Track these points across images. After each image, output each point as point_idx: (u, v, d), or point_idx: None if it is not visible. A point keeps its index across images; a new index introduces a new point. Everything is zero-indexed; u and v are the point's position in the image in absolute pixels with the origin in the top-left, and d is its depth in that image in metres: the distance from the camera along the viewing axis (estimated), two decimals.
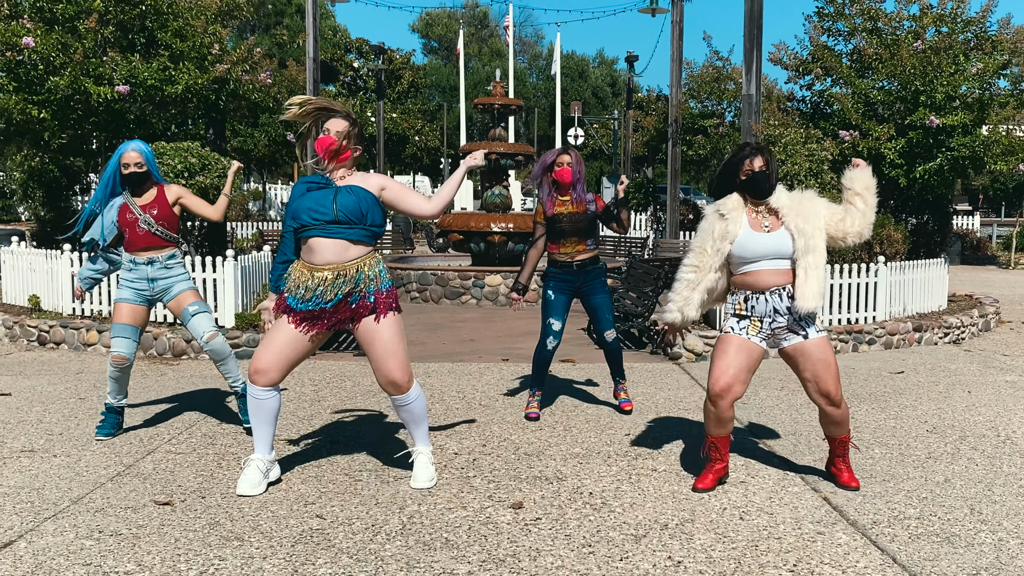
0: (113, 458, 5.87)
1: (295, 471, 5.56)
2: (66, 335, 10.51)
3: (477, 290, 14.92)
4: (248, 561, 4.14)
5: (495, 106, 17.33)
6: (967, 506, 4.99)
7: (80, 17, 11.23)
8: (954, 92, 12.24)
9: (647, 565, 4.11)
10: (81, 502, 4.98)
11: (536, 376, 7.24)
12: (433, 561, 4.15)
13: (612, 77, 55.10)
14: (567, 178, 6.96)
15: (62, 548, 4.29)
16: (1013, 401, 7.84)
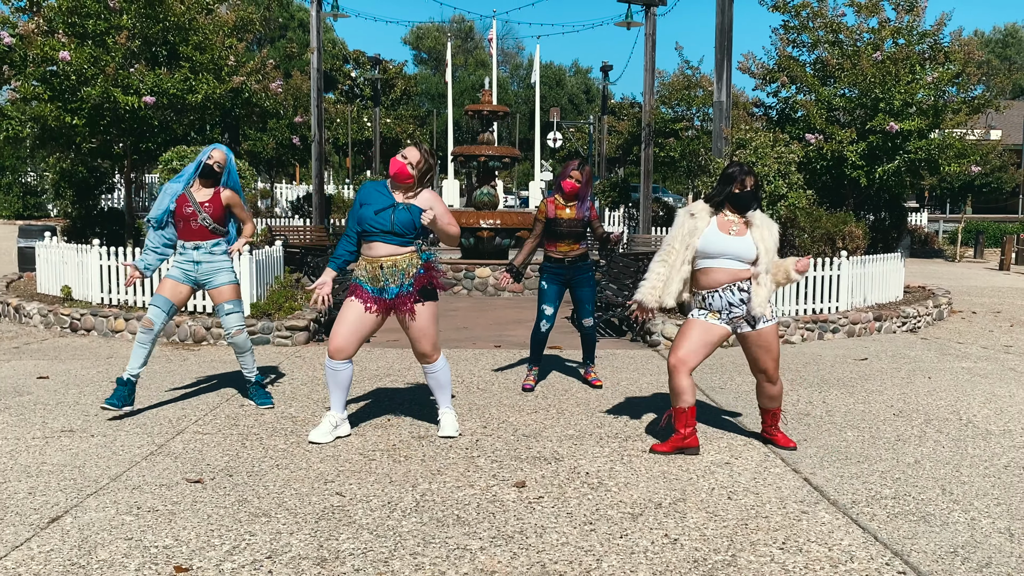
0: (146, 438, 5.81)
1: (313, 451, 5.50)
2: (96, 322, 10.43)
3: (468, 281, 14.89)
4: (276, 536, 4.09)
5: (484, 112, 17.28)
6: (939, 487, 4.94)
7: (110, 33, 11.14)
8: (911, 99, 12.25)
9: (645, 542, 4.05)
10: (119, 479, 4.91)
11: (533, 354, 7.63)
12: (447, 537, 4.09)
13: (586, 85, 55.04)
14: (569, 189, 7.32)
15: (105, 523, 4.23)
16: (970, 386, 7.84)
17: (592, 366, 7.81)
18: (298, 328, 9.83)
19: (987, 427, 6.36)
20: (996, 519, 4.43)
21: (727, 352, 9.19)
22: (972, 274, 21.26)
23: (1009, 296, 15.84)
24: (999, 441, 5.97)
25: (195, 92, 11.28)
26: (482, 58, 54.27)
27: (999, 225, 28.64)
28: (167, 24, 11.45)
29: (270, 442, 5.72)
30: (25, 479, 4.91)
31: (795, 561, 3.87)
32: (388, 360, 8.77)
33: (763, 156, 10.70)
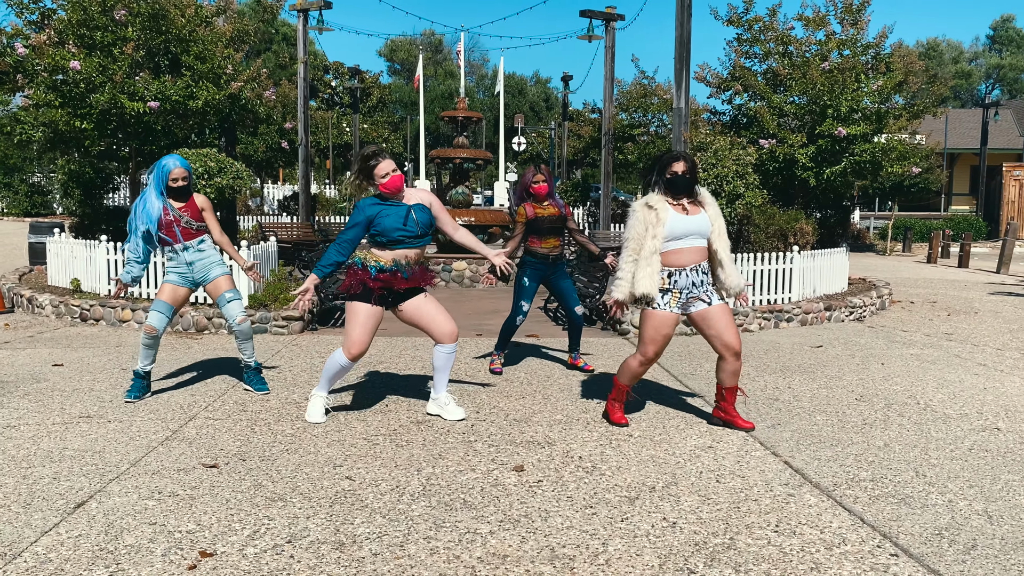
0: (160, 424, 5.56)
1: (319, 436, 5.30)
2: (104, 313, 10.12)
3: (446, 274, 14.67)
4: (294, 521, 3.88)
5: (459, 118, 17.09)
6: (912, 469, 4.82)
7: (117, 44, 10.81)
8: (856, 106, 12.21)
9: (646, 526, 3.88)
10: (139, 464, 4.68)
11: (502, 342, 7.55)
12: (457, 521, 3.90)
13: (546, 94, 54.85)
14: (540, 191, 7.27)
15: (128, 508, 4.00)
16: (921, 372, 7.76)
17: (579, 351, 7.70)
18: (294, 318, 9.58)
19: (944, 411, 6.26)
20: (972, 501, 4.32)
21: (694, 340, 9.06)
22: (903, 267, 21.35)
23: (941, 287, 15.88)
24: (959, 424, 5.88)
25: (196, 98, 10.98)
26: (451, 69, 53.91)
27: (924, 222, 28.88)
28: (169, 36, 11.13)
29: (278, 427, 5.50)
30: (48, 464, 4.67)
31: (791, 544, 3.72)
32: (379, 347, 8.55)
33: (723, 158, 10.59)
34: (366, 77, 43.63)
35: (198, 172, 10.51)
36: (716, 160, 10.55)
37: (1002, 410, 6.34)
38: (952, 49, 42.79)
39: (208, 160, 10.63)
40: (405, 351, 8.37)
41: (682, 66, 12.91)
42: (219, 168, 10.68)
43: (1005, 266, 20.52)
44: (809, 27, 13.14)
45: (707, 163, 10.58)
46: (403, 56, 60.03)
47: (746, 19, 13.26)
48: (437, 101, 49.32)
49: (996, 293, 14.95)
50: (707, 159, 10.62)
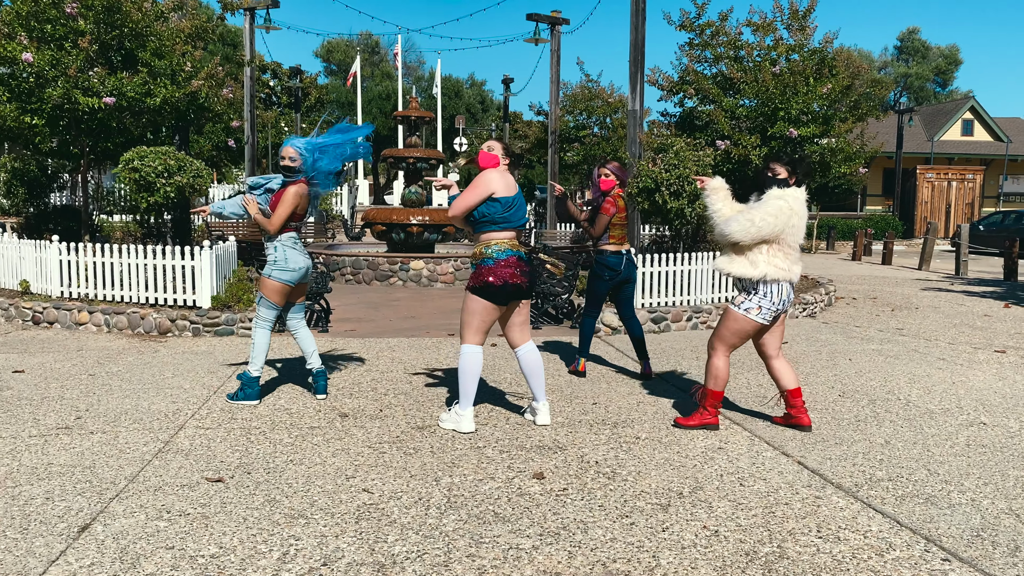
0: (147, 434, 5.11)
1: (321, 445, 4.92)
2: (59, 315, 9.49)
3: (403, 273, 14.28)
4: (322, 540, 3.52)
5: (412, 118, 16.65)
6: (923, 467, 4.67)
7: (68, 37, 10.14)
8: (807, 108, 12.20)
9: (690, 535, 3.64)
10: (137, 480, 4.24)
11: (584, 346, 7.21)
12: (495, 536, 3.59)
13: (482, 96, 54.50)
14: (606, 187, 6.89)
15: (139, 531, 3.59)
16: (888, 367, 7.69)
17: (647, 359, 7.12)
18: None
19: (927, 406, 6.17)
20: (993, 499, 4.18)
21: (665, 337, 8.89)
22: (831, 264, 21.63)
23: (875, 283, 16.07)
24: (945, 420, 5.78)
25: (154, 96, 10.38)
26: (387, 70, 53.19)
27: (846, 221, 29.41)
28: (124, 30, 10.50)
29: (274, 436, 5.11)
30: (36, 482, 4.21)
31: (840, 551, 3.52)
32: (354, 348, 8.16)
33: (684, 159, 10.44)
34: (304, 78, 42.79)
35: (157, 170, 9.96)
36: (678, 161, 10.39)
37: (978, 404, 6.28)
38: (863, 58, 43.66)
39: (168, 158, 10.07)
40: (382, 352, 8.00)
41: (636, 69, 12.76)
42: (179, 166, 10.13)
43: (926, 263, 20.94)
44: (758, 32, 13.09)
45: (669, 163, 10.42)
46: (340, 57, 59.00)
47: (698, 24, 13.17)
48: (374, 102, 48.61)
49: (928, 289, 15.17)
50: (669, 160, 10.45)
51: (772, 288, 5.18)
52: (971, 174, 33.54)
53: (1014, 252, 17.74)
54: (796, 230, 5.19)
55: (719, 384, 5.31)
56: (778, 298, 5.19)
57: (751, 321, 5.22)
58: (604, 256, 6.86)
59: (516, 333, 5.35)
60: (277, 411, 5.73)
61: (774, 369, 5.45)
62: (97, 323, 9.34)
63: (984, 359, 8.24)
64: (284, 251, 5.84)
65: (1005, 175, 39.51)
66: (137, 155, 9.99)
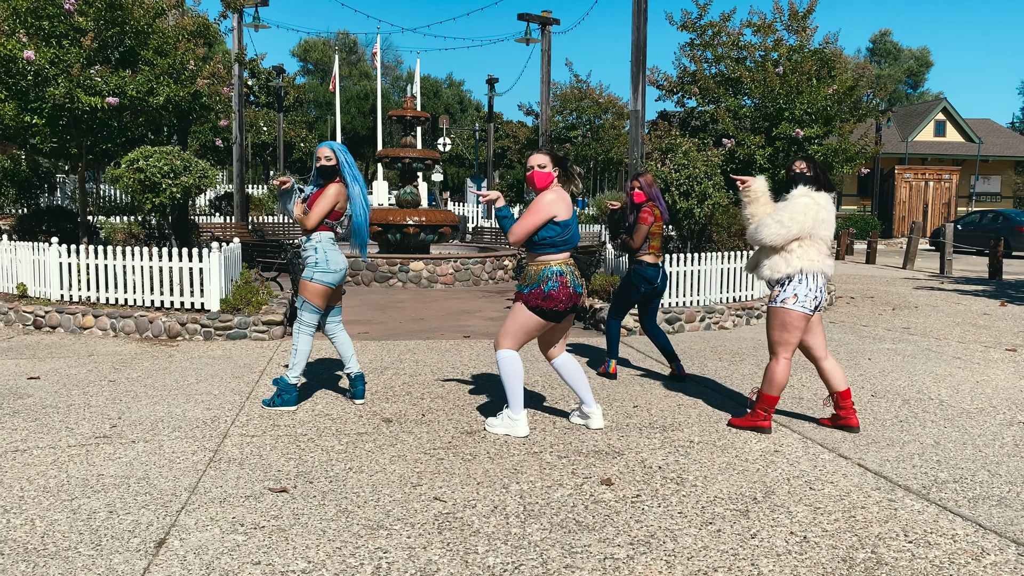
0: (193, 443, 4.96)
1: (376, 451, 4.79)
2: (62, 319, 9.27)
3: (403, 274, 14.15)
4: (412, 553, 3.41)
5: (407, 117, 16.49)
6: (982, 468, 4.64)
7: (69, 35, 9.89)
8: (811, 109, 12.22)
9: (780, 542, 3.57)
10: (198, 492, 4.09)
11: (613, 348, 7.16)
12: (585, 545, 3.49)
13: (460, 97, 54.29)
14: (638, 200, 6.84)
15: (218, 545, 3.45)
16: (910, 367, 7.69)
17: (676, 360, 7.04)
18: (275, 323, 8.96)
19: (961, 406, 6.17)
20: None
21: (682, 337, 8.83)
22: None
23: (867, 282, 16.16)
24: (985, 420, 5.78)
25: (157, 95, 10.16)
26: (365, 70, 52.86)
27: None
28: (125, 28, 10.27)
29: (324, 443, 4.99)
30: (93, 495, 4.05)
31: (935, 556, 3.47)
32: (374, 352, 8.03)
33: (693, 159, 10.41)
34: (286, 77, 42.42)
35: (164, 170, 9.75)
36: (687, 161, 10.36)
37: (1010, 403, 6.29)
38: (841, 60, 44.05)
39: (173, 158, 9.87)
40: (403, 356, 7.88)
41: (638, 69, 12.72)
42: (184, 166, 9.94)
43: (911, 262, 21.12)
44: (759, 33, 13.10)
45: (679, 164, 10.38)
46: (317, 56, 58.56)
47: (700, 24, 13.15)
48: (353, 101, 48.25)
49: (920, 288, 15.29)
50: (678, 160, 10.41)
51: (807, 276, 5.16)
52: (947, 174, 33.93)
53: (999, 251, 17.94)
54: (826, 224, 5.20)
55: (773, 389, 5.26)
56: (814, 284, 5.16)
57: (792, 312, 5.17)
58: (643, 268, 6.81)
59: (556, 347, 5.30)
60: (318, 416, 5.59)
61: (824, 371, 5.41)
62: (103, 327, 9.13)
63: (998, 358, 8.28)
64: (324, 252, 5.70)
65: (977, 175, 40.03)
66: (142, 155, 9.78)
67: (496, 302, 12.17)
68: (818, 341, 5.40)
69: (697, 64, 13.23)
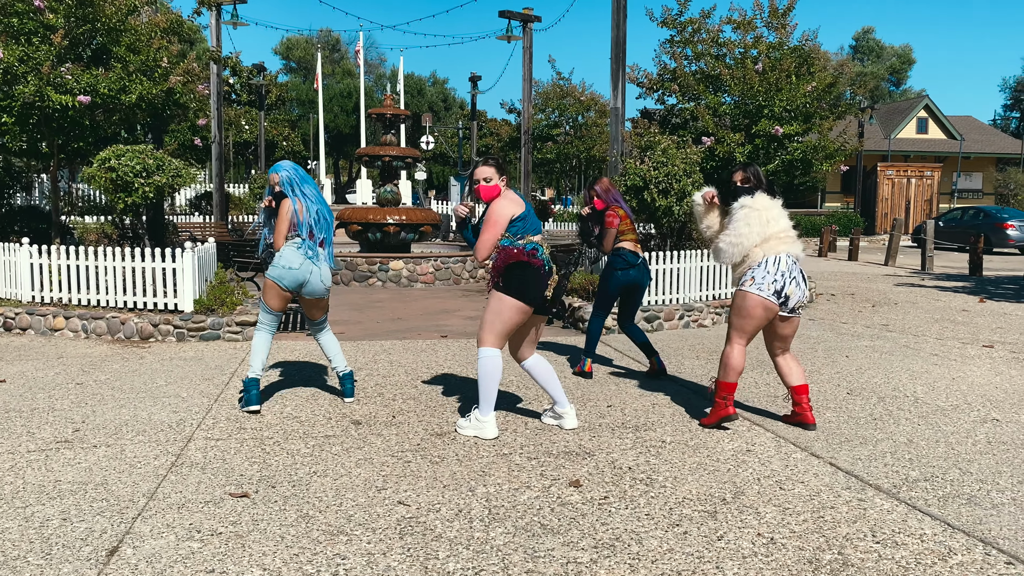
0: (155, 447, 4.87)
1: (342, 454, 4.72)
2: (32, 321, 9.14)
3: (383, 273, 14.06)
4: (371, 559, 3.34)
5: (387, 116, 16.39)
6: (954, 467, 4.61)
7: (39, 32, 9.75)
8: (790, 106, 12.20)
9: (747, 543, 3.52)
10: (156, 497, 4.01)
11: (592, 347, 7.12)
12: (549, 549, 3.43)
13: (444, 95, 54.13)
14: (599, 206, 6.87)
15: (172, 553, 3.37)
16: (887, 363, 7.67)
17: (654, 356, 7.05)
18: (248, 323, 8.86)
19: (936, 403, 6.15)
20: None
21: (658, 336, 8.79)
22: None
23: (848, 279, 16.18)
24: (959, 417, 5.75)
25: (129, 92, 10.04)
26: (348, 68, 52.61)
27: (809, 218, 29.68)
28: (97, 25, 10.14)
29: (289, 446, 4.91)
30: (48, 501, 3.96)
31: (902, 556, 3.42)
32: (348, 353, 7.94)
33: (672, 157, 10.37)
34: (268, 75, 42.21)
35: (136, 170, 9.64)
36: (666, 159, 10.31)
37: (985, 400, 6.28)
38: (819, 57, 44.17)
39: (146, 157, 9.76)
40: (378, 356, 7.81)
41: (618, 66, 12.67)
42: (157, 166, 9.82)
43: (892, 258, 21.17)
44: (739, 30, 13.07)
45: (657, 161, 10.33)
46: (299, 55, 58.29)
47: (680, 21, 13.11)
48: (336, 100, 48.06)
49: (901, 285, 15.31)
50: (657, 158, 10.37)
51: (769, 260, 5.14)
52: (929, 171, 34.07)
53: (979, 248, 17.99)
54: (777, 222, 5.17)
55: (729, 375, 5.23)
56: (774, 268, 5.12)
57: (748, 295, 5.15)
58: (620, 251, 6.78)
59: (527, 348, 5.25)
60: (286, 419, 5.52)
61: (778, 365, 5.42)
62: (74, 329, 9.01)
63: (975, 354, 8.27)
64: (283, 250, 5.65)
65: (959, 172, 40.22)
66: (114, 154, 9.66)
67: (476, 301, 12.10)
68: (783, 341, 5.36)
69: (677, 61, 13.18)
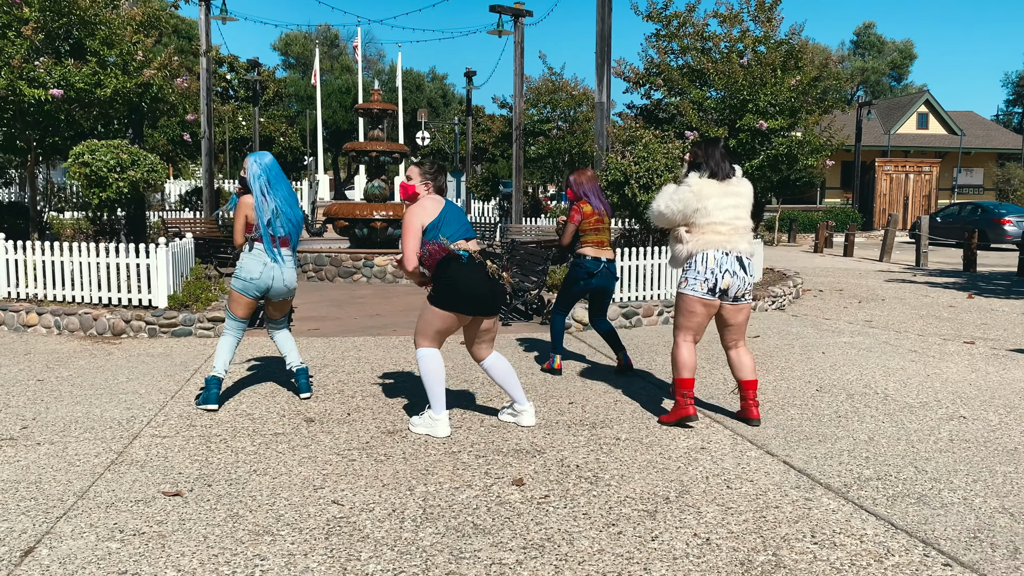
0: (99, 444, 4.81)
1: (287, 452, 4.66)
2: (5, 317, 9.07)
3: (367, 270, 13.98)
4: (290, 560, 3.27)
5: (373, 110, 16.30)
6: (909, 465, 4.53)
7: (12, 25, 9.68)
8: (775, 100, 12.08)
9: (681, 544, 3.45)
10: (87, 496, 3.95)
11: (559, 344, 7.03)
12: (476, 550, 3.36)
13: (443, 90, 53.96)
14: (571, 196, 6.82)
15: (88, 554, 3.31)
16: (863, 360, 7.59)
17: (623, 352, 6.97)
18: (220, 320, 8.78)
19: (905, 400, 6.06)
20: (986, 498, 4.04)
21: (636, 332, 8.71)
22: (794, 256, 21.67)
23: (839, 275, 16.07)
24: (925, 414, 5.67)
25: (104, 86, 9.96)
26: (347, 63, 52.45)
27: (807, 214, 29.55)
28: (72, 18, 10.06)
29: (236, 444, 4.84)
30: None
31: (838, 557, 3.34)
32: (318, 349, 7.88)
33: (653, 152, 10.27)
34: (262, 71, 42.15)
35: (109, 165, 9.57)
36: (647, 153, 10.22)
37: (956, 397, 6.19)
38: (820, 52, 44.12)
39: (120, 152, 9.69)
40: (348, 352, 7.74)
41: (603, 61, 12.58)
42: (132, 161, 9.75)
43: (887, 255, 21.05)
44: (725, 23, 12.96)
45: (639, 156, 10.24)
46: (298, 50, 58.16)
47: (665, 15, 13.00)
48: (334, 95, 47.89)
49: (891, 280, 15.20)
50: (638, 152, 10.27)
51: (697, 259, 5.07)
52: (928, 166, 33.90)
53: (973, 243, 17.87)
54: (714, 209, 5.00)
55: (681, 372, 5.18)
56: (703, 267, 5.03)
57: (684, 295, 5.13)
58: (580, 259, 6.67)
59: (482, 348, 5.16)
60: (239, 416, 5.45)
61: (730, 358, 5.35)
62: (47, 325, 8.95)
63: (955, 350, 8.18)
64: (241, 260, 5.59)
65: (959, 167, 40.04)
66: (87, 149, 9.59)
67: None
68: (732, 330, 5.28)
69: (662, 55, 13.07)
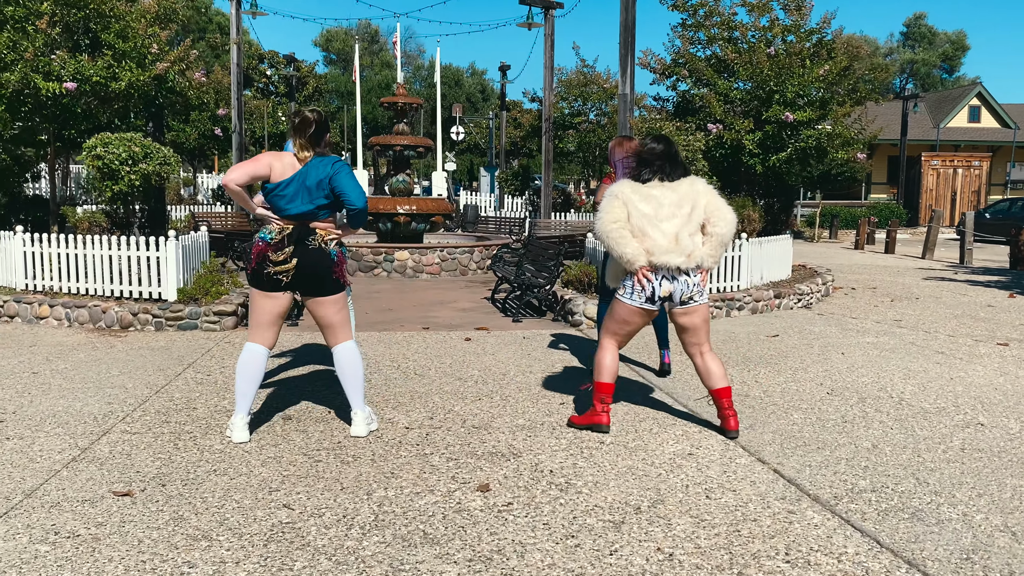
0: (68, 440, 4.69)
1: (253, 452, 4.49)
2: (19, 309, 9.08)
3: (388, 264, 13.86)
4: (220, 567, 3.09)
5: (399, 104, 16.16)
6: (911, 476, 4.23)
7: (30, 19, 9.68)
8: (803, 91, 11.70)
9: (640, 560, 3.20)
10: (35, 495, 3.81)
11: None
12: (418, 562, 3.16)
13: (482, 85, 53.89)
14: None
15: (13, 556, 3.16)
16: (884, 362, 7.24)
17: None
18: (226, 313, 8.69)
19: (921, 405, 5.73)
20: (988, 514, 3.73)
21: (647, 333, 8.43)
22: (833, 253, 21.12)
23: (876, 273, 15.58)
24: (940, 420, 5.34)
25: (118, 80, 9.94)
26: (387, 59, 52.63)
27: (850, 209, 28.87)
28: (88, 11, 10.05)
29: (204, 442, 4.69)
30: None
31: None
32: (319, 343, 7.73)
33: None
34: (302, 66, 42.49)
35: (121, 157, 9.54)
36: None
37: (976, 402, 5.83)
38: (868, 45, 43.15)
39: (132, 145, 9.65)
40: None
41: (627, 52, 12.28)
42: (144, 153, 9.71)
43: (930, 252, 20.42)
44: (753, 12, 12.58)
45: None
46: (339, 46, 58.52)
47: (691, 3, 12.67)
48: (374, 91, 48.13)
49: (930, 278, 14.68)
50: None
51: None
52: (977, 161, 32.94)
53: (1020, 240, 17.22)
54: (645, 216, 4.68)
55: (601, 376, 4.93)
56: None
57: (618, 301, 4.88)
58: None
59: (328, 335, 4.86)
60: (217, 413, 5.30)
61: (696, 367, 5.04)
62: (58, 317, 8.93)
63: (985, 352, 7.79)
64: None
65: (1012, 162, 38.87)
66: (100, 142, 9.57)
67: (476, 292, 11.83)
68: (689, 336, 4.97)
69: (685, 44, 12.74)
